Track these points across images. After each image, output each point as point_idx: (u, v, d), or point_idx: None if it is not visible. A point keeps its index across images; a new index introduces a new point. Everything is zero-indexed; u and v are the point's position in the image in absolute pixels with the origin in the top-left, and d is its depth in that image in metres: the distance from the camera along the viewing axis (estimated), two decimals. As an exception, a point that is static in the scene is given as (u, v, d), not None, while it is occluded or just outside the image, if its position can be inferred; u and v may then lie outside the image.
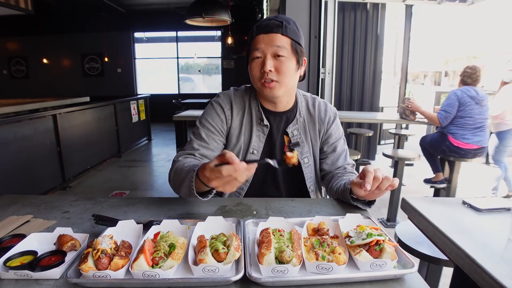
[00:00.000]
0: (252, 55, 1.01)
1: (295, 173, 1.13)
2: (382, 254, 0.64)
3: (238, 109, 1.11)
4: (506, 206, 0.87)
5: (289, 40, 0.99)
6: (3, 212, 0.91)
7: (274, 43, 0.97)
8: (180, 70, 9.50)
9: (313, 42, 2.12)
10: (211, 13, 4.05)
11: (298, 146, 1.11)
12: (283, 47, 0.98)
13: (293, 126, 1.12)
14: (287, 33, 0.98)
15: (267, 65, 0.97)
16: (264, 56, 0.99)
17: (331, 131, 1.15)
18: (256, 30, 1.00)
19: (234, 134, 1.11)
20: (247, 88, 1.15)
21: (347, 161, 1.15)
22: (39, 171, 3.38)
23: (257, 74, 1.01)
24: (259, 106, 1.11)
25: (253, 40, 1.00)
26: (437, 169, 3.16)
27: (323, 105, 1.17)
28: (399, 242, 1.21)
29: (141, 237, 0.72)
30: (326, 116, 1.15)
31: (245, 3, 7.11)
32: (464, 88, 2.86)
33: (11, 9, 3.70)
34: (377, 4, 4.71)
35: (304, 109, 1.15)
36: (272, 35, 0.98)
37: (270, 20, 0.99)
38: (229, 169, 0.70)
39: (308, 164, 1.13)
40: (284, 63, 0.99)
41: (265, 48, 0.98)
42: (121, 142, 5.30)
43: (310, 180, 1.14)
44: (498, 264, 0.61)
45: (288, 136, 1.12)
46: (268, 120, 1.11)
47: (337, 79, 4.78)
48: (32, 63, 9.11)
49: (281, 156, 1.09)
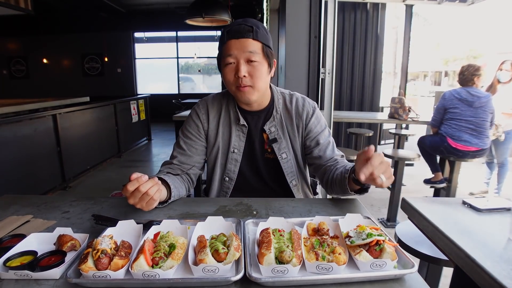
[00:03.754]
0: (225, 61, 1.03)
1: (277, 169, 1.16)
2: (382, 254, 0.64)
3: (214, 112, 1.17)
4: (506, 206, 0.87)
5: (260, 45, 1.02)
6: (3, 212, 0.91)
7: (247, 48, 1.00)
8: (180, 70, 9.51)
9: (313, 42, 2.12)
10: (211, 13, 4.05)
11: (276, 142, 1.14)
12: (255, 52, 1.00)
13: (270, 123, 1.15)
14: (258, 37, 1.01)
15: (241, 71, 1.00)
16: (237, 61, 1.01)
17: (311, 125, 1.16)
18: (227, 35, 1.01)
19: (211, 135, 1.17)
20: (226, 92, 1.19)
21: (335, 153, 1.15)
22: (39, 171, 3.38)
23: (231, 79, 1.03)
24: (236, 107, 1.15)
25: (225, 45, 1.02)
26: (436, 169, 3.16)
27: (301, 100, 1.18)
28: (399, 242, 1.21)
29: (141, 237, 0.72)
30: (304, 111, 1.16)
31: (245, 3, 7.11)
32: (454, 90, 2.85)
33: (11, 9, 3.70)
34: (377, 4, 4.72)
35: (281, 105, 1.17)
36: (244, 40, 1.00)
37: (240, 25, 1.01)
38: (133, 183, 0.80)
39: (287, 159, 1.15)
40: (257, 68, 1.02)
41: (238, 54, 1.00)
42: (121, 142, 5.30)
43: (291, 175, 1.17)
44: (498, 264, 0.61)
45: (266, 133, 1.15)
46: (246, 120, 1.15)
47: (337, 79, 4.78)
48: (32, 63, 9.12)
49: (263, 153, 1.16)
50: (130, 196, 0.81)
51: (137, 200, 0.82)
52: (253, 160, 1.17)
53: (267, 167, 1.18)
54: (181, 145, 1.16)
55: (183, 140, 1.16)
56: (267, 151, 1.17)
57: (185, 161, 1.14)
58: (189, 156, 1.15)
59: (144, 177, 0.81)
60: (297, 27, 2.16)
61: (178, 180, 1.06)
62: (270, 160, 1.17)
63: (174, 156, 1.15)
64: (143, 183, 0.80)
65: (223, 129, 1.16)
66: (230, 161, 1.16)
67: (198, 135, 1.17)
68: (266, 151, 1.17)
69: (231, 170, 1.16)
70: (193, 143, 1.16)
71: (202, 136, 1.17)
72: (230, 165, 1.16)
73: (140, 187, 0.80)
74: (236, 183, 1.17)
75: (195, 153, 1.16)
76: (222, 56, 1.05)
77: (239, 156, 1.16)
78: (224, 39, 1.03)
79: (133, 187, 0.80)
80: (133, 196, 0.81)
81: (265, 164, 1.18)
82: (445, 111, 2.89)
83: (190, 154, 1.15)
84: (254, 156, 1.17)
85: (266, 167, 1.18)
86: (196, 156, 1.16)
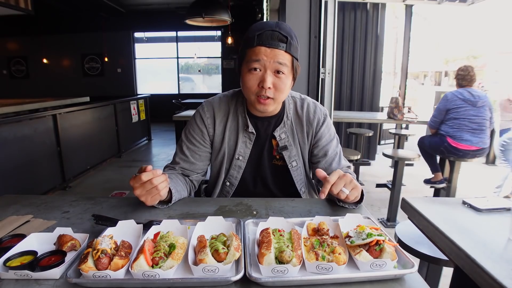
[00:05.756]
0: (250, 65, 0.95)
1: (285, 176, 1.13)
2: (382, 254, 0.64)
3: (221, 115, 1.12)
4: (506, 206, 0.87)
5: (290, 58, 0.96)
6: (3, 212, 0.91)
7: (277, 59, 0.93)
8: (180, 70, 9.50)
9: (313, 42, 2.12)
10: (211, 13, 4.05)
11: (286, 149, 1.10)
12: (284, 65, 0.94)
13: (281, 129, 1.10)
14: (291, 50, 0.94)
15: (267, 81, 0.94)
16: (264, 70, 0.95)
17: (321, 133, 1.12)
18: (258, 40, 0.93)
19: (217, 140, 1.12)
20: (235, 93, 1.15)
21: (341, 165, 1.11)
22: (39, 171, 3.38)
23: (253, 88, 0.97)
24: (245, 113, 1.10)
25: (253, 49, 0.94)
26: (436, 169, 3.16)
27: (312, 107, 1.14)
28: (399, 242, 1.20)
29: (141, 237, 0.72)
30: (315, 118, 1.12)
31: (245, 3, 7.10)
32: (456, 91, 2.88)
33: (11, 9, 3.70)
34: (377, 4, 4.72)
35: (292, 111, 1.13)
36: (276, 51, 0.93)
37: (274, 32, 0.93)
38: (147, 174, 0.80)
39: (297, 167, 1.13)
40: (283, 81, 0.96)
41: (266, 62, 0.93)
42: (121, 142, 5.30)
43: (300, 183, 1.14)
44: (498, 264, 0.61)
45: (275, 139, 1.11)
46: (256, 126, 1.10)
47: (337, 79, 4.78)
48: (32, 63, 9.11)
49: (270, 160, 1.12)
50: (139, 186, 0.81)
51: (144, 192, 0.82)
52: (259, 166, 1.14)
53: (273, 173, 1.14)
54: (184, 151, 1.11)
55: (186, 146, 1.12)
56: (276, 157, 1.13)
57: (188, 168, 1.11)
58: (192, 163, 1.11)
59: (159, 171, 0.82)
60: (297, 27, 2.16)
61: (181, 182, 1.04)
62: (278, 167, 1.14)
63: (177, 162, 1.11)
64: (157, 176, 0.81)
65: (229, 134, 1.12)
66: (233, 167, 1.13)
67: (203, 141, 1.12)
68: (274, 158, 1.13)
69: (233, 176, 1.13)
70: (197, 150, 1.12)
71: (207, 142, 1.13)
72: (233, 171, 1.13)
73: (153, 179, 0.81)
74: (237, 188, 1.15)
75: (198, 159, 1.12)
76: (246, 60, 0.97)
77: (243, 163, 1.12)
78: (253, 43, 0.94)
79: (147, 178, 0.80)
80: (143, 187, 0.81)
81: (272, 171, 1.14)
82: (447, 112, 2.90)
83: (194, 161, 1.11)
84: (261, 162, 1.13)
85: (272, 173, 1.14)
86: (200, 163, 1.12)
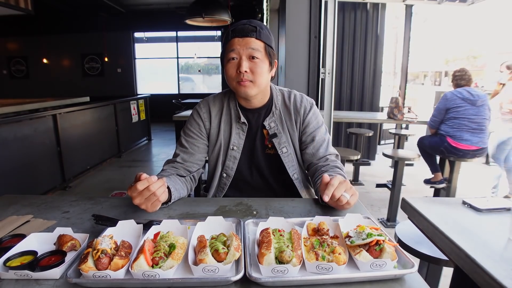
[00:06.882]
0: (228, 56, 1.07)
1: (279, 164, 1.19)
2: (382, 254, 0.63)
3: (216, 110, 1.21)
4: (506, 206, 0.87)
5: (262, 44, 1.06)
6: (3, 212, 0.91)
7: (249, 45, 1.04)
8: (180, 70, 9.51)
9: (313, 42, 2.13)
10: (211, 13, 4.04)
11: (276, 137, 1.17)
12: (257, 50, 1.05)
13: (270, 118, 1.18)
14: (261, 37, 1.06)
15: (243, 66, 1.04)
16: (239, 57, 1.05)
17: (308, 120, 1.19)
18: (232, 34, 1.06)
19: (213, 133, 1.20)
20: (228, 91, 1.23)
21: (328, 151, 1.17)
22: (39, 171, 3.38)
23: (233, 74, 1.07)
24: (237, 106, 1.19)
25: (229, 42, 1.07)
26: (436, 169, 3.16)
27: (299, 97, 1.22)
28: (399, 242, 1.21)
29: (141, 237, 0.72)
30: (302, 106, 1.19)
31: (245, 3, 7.10)
32: (455, 90, 2.89)
33: (11, 9, 3.70)
34: (377, 4, 4.71)
35: (280, 102, 1.21)
36: (247, 39, 1.04)
37: (245, 25, 1.06)
38: (143, 182, 0.80)
39: (287, 153, 1.18)
40: (258, 65, 1.06)
41: (240, 50, 1.04)
42: (121, 142, 5.30)
43: (292, 169, 1.19)
44: (498, 264, 0.61)
45: (266, 129, 1.18)
46: (247, 117, 1.18)
47: (337, 79, 4.78)
48: (32, 63, 9.11)
49: (263, 149, 1.18)
50: (137, 195, 0.81)
51: (143, 200, 0.82)
52: (253, 157, 1.20)
53: (268, 163, 1.20)
54: (183, 144, 1.19)
55: (185, 139, 1.19)
56: (268, 147, 1.19)
57: (188, 159, 1.16)
58: (191, 154, 1.17)
59: (154, 177, 0.82)
60: (297, 27, 2.16)
61: (180, 181, 1.07)
62: (271, 156, 1.19)
63: (177, 154, 1.17)
64: (152, 183, 0.81)
65: (224, 127, 1.19)
66: (229, 158, 1.19)
67: (200, 134, 1.20)
68: (267, 147, 1.20)
69: (229, 166, 1.19)
70: (195, 141, 1.18)
71: (204, 134, 1.20)
72: (228, 162, 1.19)
73: (150, 187, 0.81)
74: (233, 180, 1.20)
75: (197, 151, 1.18)
76: (225, 53, 1.08)
77: (238, 154, 1.19)
78: (228, 37, 1.07)
79: (143, 186, 0.80)
80: (141, 196, 0.81)
81: (266, 160, 1.20)
82: (447, 112, 2.91)
83: (192, 152, 1.17)
84: (254, 153, 1.20)
85: (267, 163, 1.20)
86: (198, 154, 1.19)
